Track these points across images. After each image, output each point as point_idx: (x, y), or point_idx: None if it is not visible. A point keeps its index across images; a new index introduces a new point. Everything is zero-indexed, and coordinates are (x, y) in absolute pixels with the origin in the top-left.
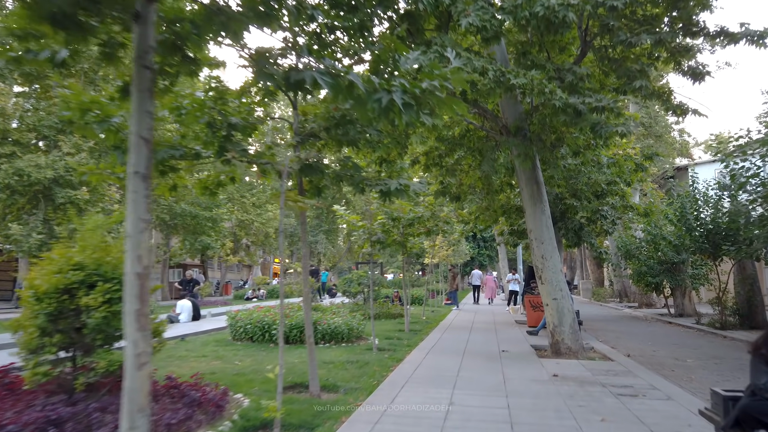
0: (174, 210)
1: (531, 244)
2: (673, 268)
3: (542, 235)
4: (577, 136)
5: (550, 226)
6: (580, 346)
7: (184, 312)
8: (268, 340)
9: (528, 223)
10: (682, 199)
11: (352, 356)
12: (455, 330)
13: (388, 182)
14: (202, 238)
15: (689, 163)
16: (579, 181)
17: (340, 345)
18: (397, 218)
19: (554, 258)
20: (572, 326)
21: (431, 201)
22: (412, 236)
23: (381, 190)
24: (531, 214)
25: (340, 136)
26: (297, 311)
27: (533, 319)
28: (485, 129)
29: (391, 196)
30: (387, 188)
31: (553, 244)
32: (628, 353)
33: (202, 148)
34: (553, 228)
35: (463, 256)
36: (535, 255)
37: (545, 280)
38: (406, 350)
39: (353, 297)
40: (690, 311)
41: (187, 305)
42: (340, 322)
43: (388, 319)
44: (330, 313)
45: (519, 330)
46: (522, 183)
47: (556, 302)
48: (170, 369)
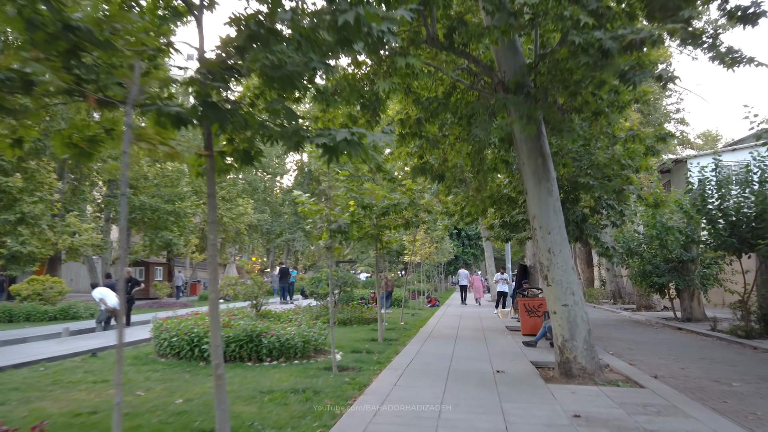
0: (132, 203)
1: (534, 235)
2: (681, 267)
3: (549, 222)
4: (597, 94)
5: (558, 210)
6: (597, 366)
7: (107, 297)
8: (198, 356)
9: (530, 208)
10: (704, 185)
11: (302, 381)
12: (438, 339)
13: (333, 132)
14: (164, 234)
15: (687, 155)
16: (584, 162)
17: (291, 363)
18: (369, 206)
19: (564, 252)
20: (587, 341)
21: (410, 185)
22: (388, 228)
23: (325, 144)
24: (534, 195)
25: (269, 70)
26: (241, 318)
27: (528, 327)
28: (476, 88)
29: (338, 154)
30: (333, 141)
31: (563, 235)
32: (655, 374)
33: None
34: None
35: (447, 255)
36: (539, 248)
37: (553, 281)
38: (374, 370)
39: (322, 299)
40: (699, 315)
41: (105, 291)
42: (293, 332)
43: (361, 324)
44: (285, 321)
45: (513, 339)
46: (522, 156)
47: (567, 310)
48: (36, 405)
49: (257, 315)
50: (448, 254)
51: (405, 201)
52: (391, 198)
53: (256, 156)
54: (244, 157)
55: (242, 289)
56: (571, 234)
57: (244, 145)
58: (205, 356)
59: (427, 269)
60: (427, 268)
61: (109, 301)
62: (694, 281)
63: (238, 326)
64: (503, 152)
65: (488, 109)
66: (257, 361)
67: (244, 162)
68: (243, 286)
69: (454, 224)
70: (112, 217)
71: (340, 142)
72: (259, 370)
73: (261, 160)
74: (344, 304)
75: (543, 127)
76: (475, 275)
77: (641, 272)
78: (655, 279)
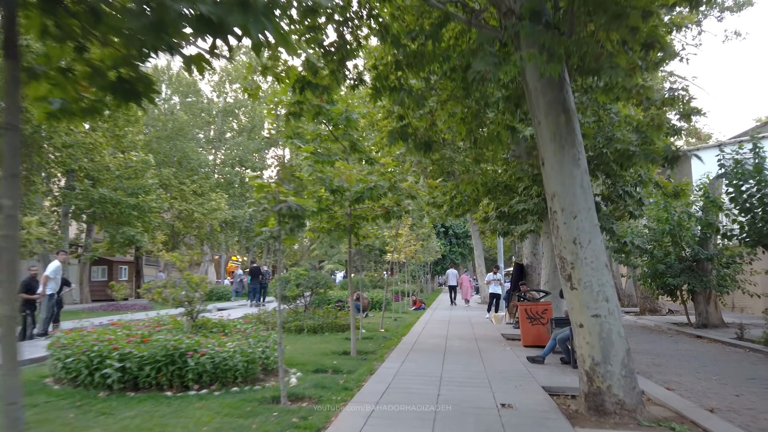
0: (91, 196)
1: (553, 221)
2: (697, 267)
3: (575, 202)
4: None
5: (587, 186)
6: (639, 399)
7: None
8: (99, 383)
9: (548, 184)
10: (741, 169)
11: (230, 423)
12: (423, 352)
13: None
14: (125, 230)
15: (691, 148)
16: (607, 131)
17: (228, 390)
18: (340, 189)
19: (594, 244)
20: (626, 365)
21: (390, 164)
22: (365, 220)
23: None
24: (554, 166)
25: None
26: (169, 330)
27: (530, 337)
28: (476, 24)
29: (227, 33)
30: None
31: (593, 220)
32: (710, 407)
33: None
34: None
35: (434, 254)
36: (559, 239)
37: (579, 283)
38: (336, 402)
39: (291, 302)
40: (716, 321)
41: None
42: (233, 349)
43: (334, 332)
44: (232, 331)
45: (513, 352)
46: (539, 113)
47: (599, 322)
48: None
49: (192, 326)
50: (435, 253)
51: (384, 185)
52: (366, 180)
53: (137, 84)
54: (117, 87)
55: (171, 292)
56: None
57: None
58: (108, 383)
59: (412, 269)
60: (412, 268)
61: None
62: (712, 282)
63: (156, 342)
64: (508, 116)
65: (493, 40)
66: (182, 389)
67: (116, 94)
68: (172, 288)
69: (442, 217)
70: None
71: (232, 9)
72: (177, 404)
73: (152, 97)
74: (316, 308)
75: (566, 73)
76: (464, 275)
77: (652, 272)
78: (669, 280)
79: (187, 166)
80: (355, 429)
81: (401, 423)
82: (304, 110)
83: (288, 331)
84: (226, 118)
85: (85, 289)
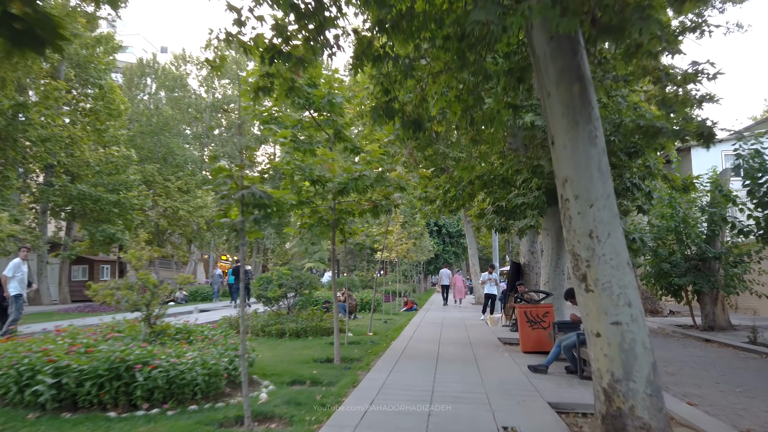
0: (69, 192)
1: (565, 210)
2: (704, 266)
3: (591, 188)
4: None
5: (605, 169)
6: (666, 423)
7: None
8: (31, 402)
9: (559, 166)
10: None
11: None
12: (413, 360)
13: None
14: (105, 228)
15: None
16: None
17: (185, 409)
18: (321, 180)
19: (614, 237)
20: (652, 381)
21: (376, 152)
22: (351, 215)
23: None
24: (567, 145)
25: None
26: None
27: (530, 342)
28: None
29: None
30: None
31: (613, 209)
32: (747, 430)
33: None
34: (557, 208)
35: (427, 253)
36: (572, 232)
37: (596, 284)
38: (310, 423)
39: (272, 304)
40: (723, 323)
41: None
42: (192, 360)
43: (318, 336)
44: (198, 338)
45: (512, 358)
46: (548, 82)
47: (620, 331)
48: None
49: (150, 333)
50: (428, 252)
51: (370, 175)
52: (351, 170)
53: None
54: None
55: (124, 294)
56: None
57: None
58: (42, 401)
59: (404, 269)
60: (404, 267)
61: None
62: (720, 282)
63: (99, 354)
64: (509, 93)
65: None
66: (129, 408)
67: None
68: (125, 290)
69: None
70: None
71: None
72: (119, 428)
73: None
74: (300, 309)
75: (580, 35)
76: (457, 274)
77: (657, 272)
78: (675, 280)
79: (173, 162)
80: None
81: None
82: (276, 85)
83: (268, 335)
84: (215, 114)
85: (65, 289)
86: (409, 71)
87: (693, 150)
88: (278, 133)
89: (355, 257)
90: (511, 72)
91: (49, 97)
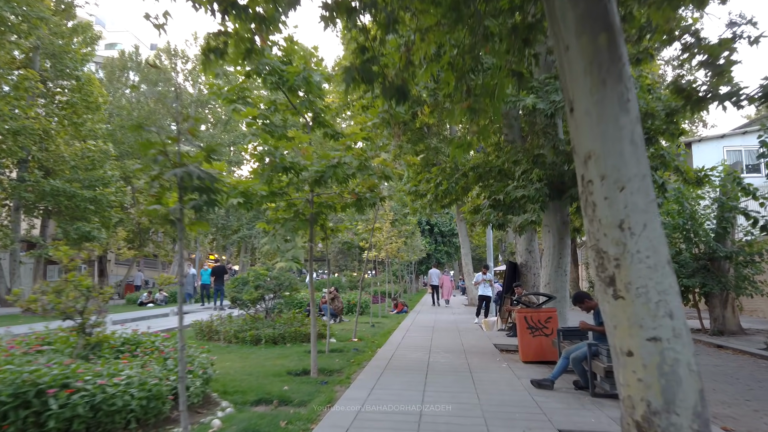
0: (42, 187)
1: (586, 192)
2: (713, 266)
3: (622, 166)
4: None
5: (639, 140)
6: None
7: None
8: None
9: (580, 139)
10: None
11: None
12: (400, 372)
13: None
14: (80, 225)
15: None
16: None
17: None
18: (294, 167)
19: (651, 228)
20: (699, 413)
21: (358, 135)
22: (332, 209)
23: None
24: (591, 111)
25: None
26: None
27: (531, 351)
28: None
29: None
30: None
31: (649, 192)
32: None
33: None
34: (559, 202)
35: (418, 253)
36: (596, 222)
37: (627, 288)
38: None
39: (248, 307)
40: (733, 327)
41: None
42: (126, 381)
43: (298, 343)
44: (146, 350)
45: (511, 371)
46: (566, 34)
47: (659, 349)
48: None
49: (85, 345)
50: (420, 252)
51: (351, 161)
52: (328, 156)
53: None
54: None
55: (49, 299)
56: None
57: None
58: None
59: (395, 269)
60: (395, 267)
61: None
62: (731, 284)
63: (4, 375)
64: (513, 57)
65: None
66: None
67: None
68: (51, 295)
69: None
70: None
71: None
72: None
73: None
74: (279, 313)
75: None
76: (445, 275)
77: None
78: (684, 281)
79: None
80: None
81: None
82: (231, 46)
83: (242, 342)
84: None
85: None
86: (391, 25)
87: (694, 145)
88: (243, 112)
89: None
90: (516, 31)
91: (20, 87)
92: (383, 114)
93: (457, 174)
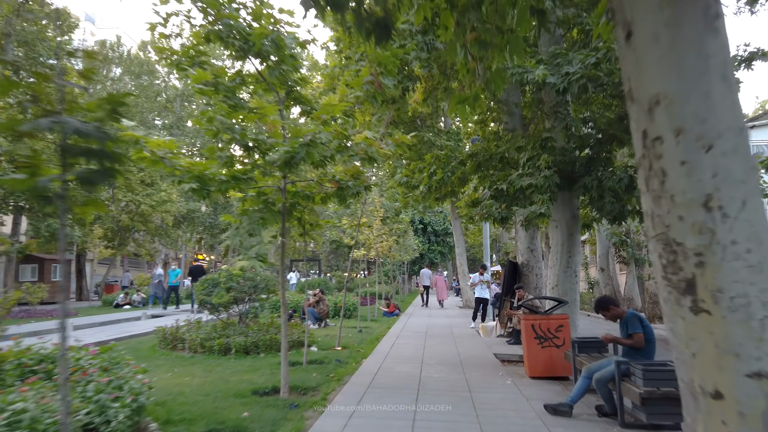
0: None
1: (652, 155)
2: None
3: (710, 114)
4: None
5: (732, 80)
6: None
7: None
8: None
9: (641, 77)
10: None
11: None
12: (386, 391)
13: None
14: (51, 222)
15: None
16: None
17: None
18: (260, 145)
19: (752, 207)
20: None
21: (336, 108)
22: (310, 199)
23: None
24: (660, 33)
25: None
26: None
27: (540, 365)
28: None
29: None
30: None
31: (748, 157)
32: None
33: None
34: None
35: (411, 252)
36: (665, 198)
37: (715, 296)
38: None
39: (219, 311)
40: None
41: None
42: (10, 419)
43: (273, 353)
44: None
45: (517, 389)
46: None
47: (763, 388)
48: None
49: None
50: (413, 251)
51: (327, 138)
52: (300, 132)
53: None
54: None
55: None
56: (609, 211)
57: None
58: None
59: (387, 269)
60: (387, 267)
61: None
62: None
63: None
64: None
65: None
66: None
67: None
68: None
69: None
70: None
71: None
72: None
73: None
74: (254, 318)
75: None
76: (438, 275)
77: None
78: None
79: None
80: None
81: None
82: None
83: (210, 351)
84: (186, 105)
85: (10, 291)
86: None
87: None
88: (194, 76)
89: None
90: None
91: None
92: (367, 86)
93: (453, 162)
